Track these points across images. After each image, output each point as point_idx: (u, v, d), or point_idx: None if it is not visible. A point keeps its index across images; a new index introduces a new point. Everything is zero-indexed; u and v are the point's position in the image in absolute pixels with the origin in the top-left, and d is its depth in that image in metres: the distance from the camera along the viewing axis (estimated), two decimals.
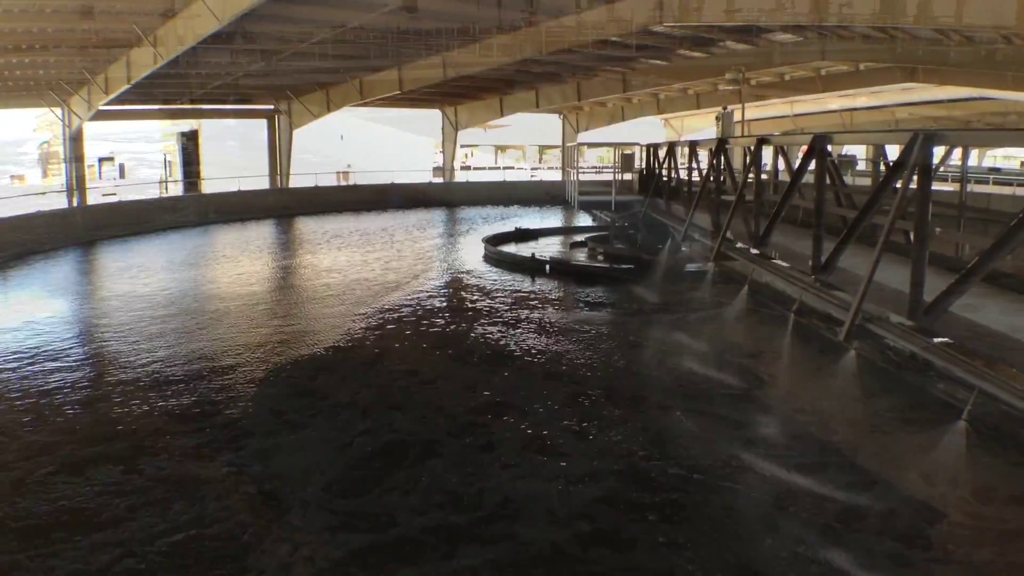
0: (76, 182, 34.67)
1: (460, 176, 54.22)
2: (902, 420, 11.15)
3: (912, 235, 8.07)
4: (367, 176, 47.96)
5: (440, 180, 51.53)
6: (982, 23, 16.49)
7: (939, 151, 8.10)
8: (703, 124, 55.33)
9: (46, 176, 53.07)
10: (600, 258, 24.95)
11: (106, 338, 15.35)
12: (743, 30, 27.08)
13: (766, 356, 14.09)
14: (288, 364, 13.61)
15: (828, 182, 10.91)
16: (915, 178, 7.74)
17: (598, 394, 12.10)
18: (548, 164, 77.12)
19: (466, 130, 52.50)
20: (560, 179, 46.78)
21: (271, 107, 43.97)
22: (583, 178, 31.93)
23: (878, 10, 17.90)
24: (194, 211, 37.03)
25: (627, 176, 28.98)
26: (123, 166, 54.91)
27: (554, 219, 38.91)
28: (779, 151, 14.61)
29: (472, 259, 25.56)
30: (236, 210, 38.92)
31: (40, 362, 13.46)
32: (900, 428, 10.82)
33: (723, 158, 15.63)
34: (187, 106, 40.37)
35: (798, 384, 12.77)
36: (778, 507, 8.18)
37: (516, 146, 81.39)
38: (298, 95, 41.18)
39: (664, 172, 22.64)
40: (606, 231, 27.53)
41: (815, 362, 12.81)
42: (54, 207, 31.94)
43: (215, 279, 22.81)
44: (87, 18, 22.77)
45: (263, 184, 44.07)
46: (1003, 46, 22.85)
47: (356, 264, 24.73)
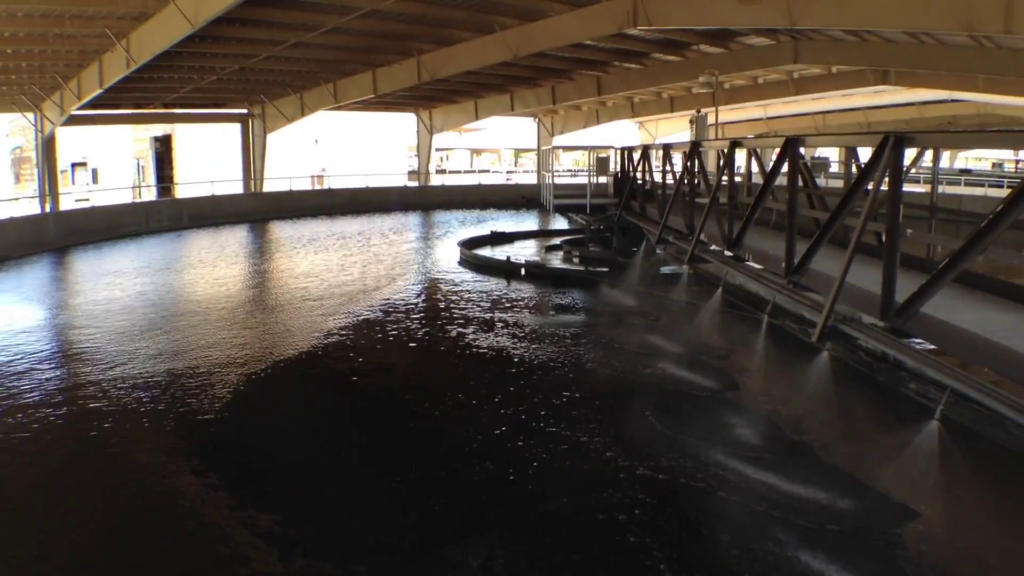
0: (48, 187, 34.32)
1: (436, 180, 54.17)
2: (875, 420, 11.24)
3: (884, 236, 8.11)
4: (342, 180, 47.80)
5: (415, 184, 51.45)
6: (953, 26, 16.63)
7: (911, 153, 8.14)
8: (677, 127, 55.59)
9: (19, 182, 52.48)
10: (575, 261, 24.98)
11: (81, 350, 15.17)
12: (716, 34, 27.22)
13: (739, 357, 14.15)
14: (268, 369, 13.52)
15: (801, 184, 10.95)
16: (886, 180, 7.78)
17: (569, 396, 12.08)
18: (523, 168, 77.19)
19: (441, 134, 52.45)
20: (535, 182, 46.77)
21: (245, 111, 43.74)
22: (558, 181, 31.95)
23: (851, 13, 18.02)
24: (168, 216, 36.74)
25: (602, 179, 29.00)
26: (96, 171, 54.39)
27: (529, 222, 38.91)
28: (752, 154, 14.66)
29: (448, 263, 25.52)
30: (210, 215, 38.66)
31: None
32: (873, 428, 10.90)
33: (697, 161, 15.67)
34: (160, 111, 40.10)
35: (770, 385, 12.82)
36: (748, 507, 8.18)
37: (491, 149, 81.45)
38: (272, 99, 40.97)
39: (639, 175, 22.67)
40: (581, 234, 27.58)
41: (788, 363, 12.90)
42: (26, 213, 31.61)
43: (193, 285, 22.56)
44: (59, 22, 22.56)
45: (237, 188, 43.87)
46: (974, 47, 23.06)
47: (334, 268, 24.62)
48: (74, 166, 49.86)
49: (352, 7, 22.75)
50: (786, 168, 10.53)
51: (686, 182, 16.40)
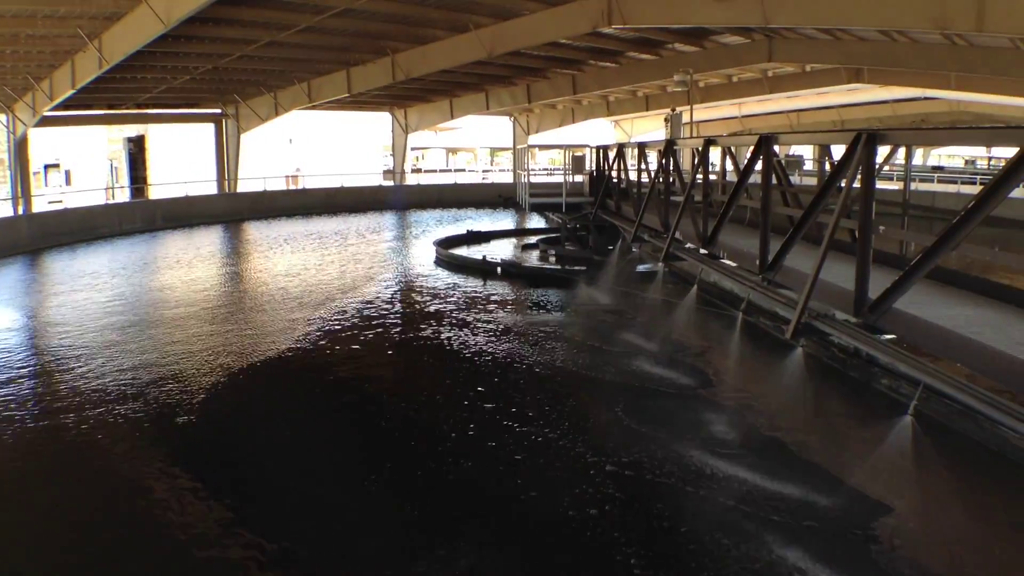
0: (21, 190, 33.92)
1: (411, 179, 54.03)
2: (849, 416, 11.30)
3: (857, 233, 8.15)
4: (317, 180, 47.59)
5: (391, 183, 51.30)
6: (926, 24, 16.76)
7: (883, 150, 8.18)
8: (653, 126, 55.80)
9: None
10: (551, 260, 24.99)
11: (58, 353, 15.00)
12: (691, 33, 27.30)
13: (714, 354, 14.20)
14: (245, 370, 13.43)
15: (775, 182, 10.99)
16: (859, 177, 7.82)
17: (543, 393, 12.09)
18: (499, 166, 77.17)
19: (416, 133, 52.32)
20: (511, 181, 46.74)
21: (218, 111, 43.43)
22: (534, 180, 31.93)
23: (824, 12, 18.13)
24: (141, 217, 36.41)
25: (578, 178, 28.99)
26: (69, 172, 53.86)
27: (506, 221, 38.90)
28: (727, 152, 14.71)
29: (424, 262, 25.46)
30: (184, 215, 38.37)
31: None
32: (847, 424, 10.96)
33: (672, 159, 15.70)
34: (133, 111, 39.74)
35: (745, 381, 12.87)
36: (722, 503, 8.21)
37: (467, 149, 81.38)
38: (245, 99, 40.71)
39: (614, 174, 22.69)
40: (557, 233, 27.58)
41: (762, 359, 12.94)
42: None
43: (171, 286, 22.32)
44: (31, 23, 22.29)
45: (211, 189, 43.56)
46: (946, 45, 23.26)
47: (311, 268, 24.51)
48: (47, 168, 49.29)
49: (326, 6, 22.62)
50: (760, 166, 10.57)
51: (661, 180, 16.43)
